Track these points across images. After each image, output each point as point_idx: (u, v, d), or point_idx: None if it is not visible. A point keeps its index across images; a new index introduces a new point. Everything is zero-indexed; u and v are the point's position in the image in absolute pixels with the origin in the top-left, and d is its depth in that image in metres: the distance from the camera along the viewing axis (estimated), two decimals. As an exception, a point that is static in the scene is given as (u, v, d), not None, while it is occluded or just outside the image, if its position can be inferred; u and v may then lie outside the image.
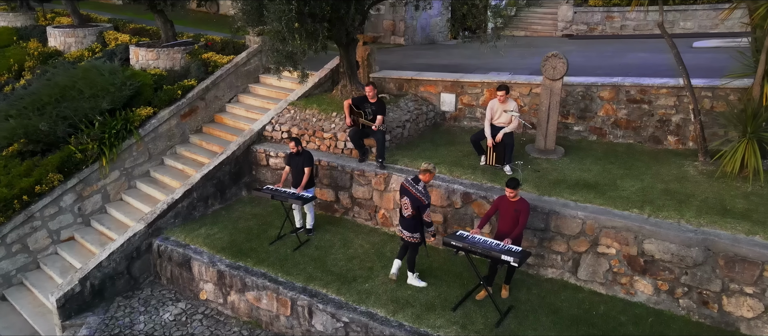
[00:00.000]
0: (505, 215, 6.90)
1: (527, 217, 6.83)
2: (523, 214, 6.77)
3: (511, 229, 6.80)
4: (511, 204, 6.84)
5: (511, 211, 6.82)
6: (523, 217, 6.76)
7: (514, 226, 6.80)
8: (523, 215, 6.76)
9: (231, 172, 10.07)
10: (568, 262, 7.45)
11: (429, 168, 7.06)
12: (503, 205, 6.91)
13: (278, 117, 10.45)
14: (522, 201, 6.83)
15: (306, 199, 8.28)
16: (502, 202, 6.93)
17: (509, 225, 6.84)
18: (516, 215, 6.78)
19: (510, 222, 6.83)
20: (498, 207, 7.00)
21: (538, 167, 8.52)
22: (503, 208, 6.91)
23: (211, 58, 12.90)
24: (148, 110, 11.48)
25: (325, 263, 8.10)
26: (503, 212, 6.92)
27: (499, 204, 6.98)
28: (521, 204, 6.80)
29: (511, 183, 6.77)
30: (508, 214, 6.85)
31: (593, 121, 9.56)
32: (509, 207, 6.84)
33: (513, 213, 6.81)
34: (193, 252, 8.54)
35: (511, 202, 6.84)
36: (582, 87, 9.50)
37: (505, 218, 6.90)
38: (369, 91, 8.74)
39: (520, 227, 6.76)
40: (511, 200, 6.84)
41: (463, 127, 10.53)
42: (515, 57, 13.63)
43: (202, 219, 9.53)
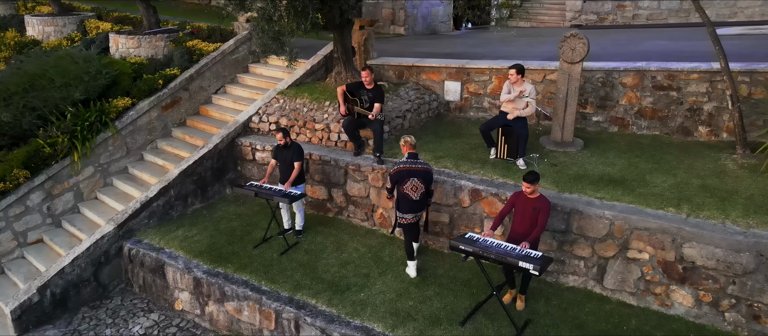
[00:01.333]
0: (521, 214, 5.96)
1: (548, 216, 5.89)
2: (544, 213, 5.83)
3: (528, 231, 5.87)
4: (528, 202, 5.90)
5: (529, 209, 5.89)
6: (543, 217, 5.83)
7: (532, 227, 5.87)
8: (543, 215, 5.83)
9: (213, 168, 9.13)
10: (592, 268, 6.51)
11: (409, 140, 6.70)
12: (519, 202, 5.98)
13: (266, 107, 9.51)
14: (542, 198, 5.90)
15: (294, 197, 7.34)
16: (519, 199, 6.00)
17: (526, 226, 5.91)
18: (534, 215, 5.85)
19: (527, 222, 5.90)
20: (513, 205, 6.07)
21: (556, 161, 7.58)
22: (519, 207, 5.98)
23: (196, 46, 11.95)
24: (125, 101, 10.53)
25: (316, 269, 7.16)
26: (519, 211, 5.98)
27: (515, 202, 6.05)
28: (541, 202, 5.86)
29: (530, 177, 5.83)
30: (525, 213, 5.92)
31: (614, 110, 8.62)
32: (527, 205, 5.91)
33: (531, 212, 5.87)
34: (168, 256, 7.59)
35: (529, 199, 5.91)
36: (602, 73, 8.56)
37: (521, 218, 5.96)
38: (365, 76, 7.80)
39: (539, 228, 5.83)
40: (530, 197, 5.91)
41: (468, 118, 9.59)
42: (523, 45, 12.72)
43: (180, 219, 8.59)
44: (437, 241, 7.58)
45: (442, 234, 7.51)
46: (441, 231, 7.51)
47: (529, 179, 5.83)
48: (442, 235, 7.52)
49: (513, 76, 7.38)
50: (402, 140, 6.77)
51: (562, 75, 7.86)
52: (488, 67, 9.30)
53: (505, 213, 6.15)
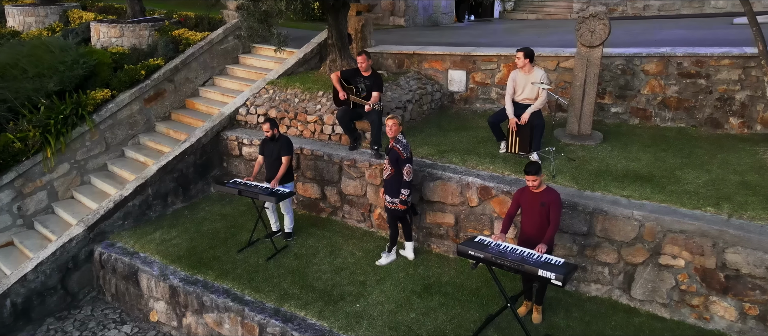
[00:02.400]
0: (529, 212, 5.22)
1: (560, 211, 5.14)
2: (554, 207, 5.08)
3: (541, 231, 5.13)
4: (535, 197, 5.16)
5: (537, 205, 5.14)
6: (554, 212, 5.08)
7: (543, 225, 5.13)
8: (554, 209, 5.08)
9: (196, 164, 8.37)
10: (618, 276, 5.74)
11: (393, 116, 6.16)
12: (525, 199, 5.24)
13: (254, 98, 8.74)
14: (549, 191, 5.15)
15: (281, 195, 6.57)
16: (524, 196, 5.25)
17: (537, 224, 5.16)
18: (544, 210, 5.11)
19: (538, 221, 5.16)
20: (519, 202, 5.32)
21: (573, 155, 6.82)
22: (526, 204, 5.23)
23: (182, 36, 11.19)
24: (104, 93, 9.76)
25: (306, 276, 6.40)
26: (527, 209, 5.24)
27: (520, 199, 5.30)
28: (549, 194, 5.12)
29: (530, 168, 5.11)
30: (533, 210, 5.17)
31: (635, 100, 7.86)
32: (534, 201, 5.16)
33: (539, 208, 5.13)
34: (142, 262, 6.83)
35: (535, 194, 5.17)
36: (622, 59, 7.80)
37: (530, 216, 5.22)
38: (361, 61, 7.04)
39: (553, 226, 5.08)
40: (534, 191, 5.16)
41: (475, 110, 8.83)
42: (531, 35, 11.95)
43: (159, 220, 7.83)
44: (442, 244, 6.82)
45: (447, 236, 6.76)
46: (446, 233, 6.76)
47: (530, 170, 5.09)
48: (446, 237, 6.77)
49: (521, 61, 6.62)
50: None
51: (579, 60, 7.10)
52: (496, 55, 8.54)
53: (513, 213, 5.40)
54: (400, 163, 6.11)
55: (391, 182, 6.22)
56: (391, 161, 6.14)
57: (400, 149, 6.09)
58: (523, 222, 5.30)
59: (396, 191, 6.22)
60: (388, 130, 6.08)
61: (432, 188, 6.67)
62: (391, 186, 6.24)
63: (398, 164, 6.13)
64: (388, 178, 6.23)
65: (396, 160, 6.12)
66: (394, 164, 6.14)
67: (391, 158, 6.14)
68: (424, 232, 6.90)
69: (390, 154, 6.14)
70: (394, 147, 6.11)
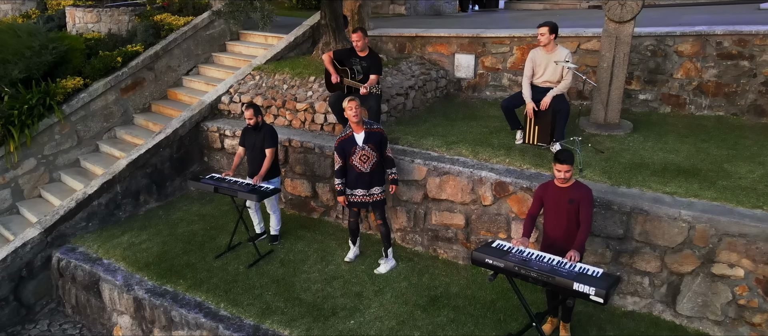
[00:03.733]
0: (554, 211, 4.33)
1: (592, 209, 4.25)
2: (585, 205, 4.20)
3: (567, 233, 4.25)
4: (561, 193, 4.27)
5: (564, 203, 4.25)
6: (585, 211, 4.20)
7: (571, 227, 4.26)
8: (585, 207, 4.20)
9: (172, 158, 7.48)
10: (660, 287, 4.84)
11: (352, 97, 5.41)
12: (549, 195, 4.35)
13: (239, 85, 7.85)
14: (579, 186, 4.27)
15: (264, 193, 5.66)
16: (548, 191, 4.37)
17: (563, 226, 4.28)
18: (572, 209, 4.22)
19: (564, 222, 4.28)
20: (541, 200, 4.43)
21: (601, 146, 5.93)
22: (550, 201, 4.34)
23: (164, 20, 10.28)
24: (76, 81, 8.86)
25: (293, 287, 5.51)
26: (551, 207, 4.35)
27: (543, 195, 4.41)
28: (577, 190, 4.24)
29: (562, 156, 4.21)
30: (559, 208, 4.29)
31: (667, 85, 6.96)
32: (560, 198, 4.27)
33: (567, 207, 4.24)
34: (104, 270, 5.93)
35: (561, 189, 4.28)
36: (652, 39, 6.90)
37: (555, 216, 4.34)
38: (357, 39, 6.15)
39: (585, 229, 4.20)
40: (561, 186, 4.27)
41: (484, 99, 7.94)
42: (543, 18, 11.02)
43: (129, 222, 6.93)
44: (450, 248, 5.93)
45: (456, 240, 5.86)
46: (455, 236, 5.86)
47: (562, 158, 4.19)
48: (455, 241, 5.87)
49: (545, 37, 5.71)
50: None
51: (607, 39, 6.20)
52: (508, 36, 7.65)
53: (535, 213, 4.50)
54: (383, 145, 5.42)
55: (374, 172, 5.44)
56: (375, 146, 5.37)
57: (380, 128, 5.44)
58: (546, 223, 4.42)
59: (381, 178, 5.48)
60: (354, 113, 5.26)
61: (439, 184, 5.78)
62: (374, 176, 5.45)
63: (381, 147, 5.41)
64: (372, 169, 5.41)
65: (379, 142, 5.39)
66: (377, 148, 5.38)
67: (374, 142, 5.36)
68: (430, 234, 6.01)
69: (371, 138, 5.35)
70: (372, 129, 5.37)
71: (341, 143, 5.36)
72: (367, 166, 5.36)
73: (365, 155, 5.33)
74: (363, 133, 5.34)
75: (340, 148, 5.38)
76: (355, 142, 5.33)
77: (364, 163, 5.35)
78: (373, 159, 5.37)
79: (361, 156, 5.33)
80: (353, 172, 5.40)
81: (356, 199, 5.50)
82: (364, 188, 5.45)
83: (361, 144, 5.32)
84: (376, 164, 5.40)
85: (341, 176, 5.44)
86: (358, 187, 5.45)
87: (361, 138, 5.33)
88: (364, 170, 5.37)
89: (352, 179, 5.44)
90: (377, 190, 5.50)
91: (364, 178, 5.41)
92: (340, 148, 5.37)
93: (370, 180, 5.44)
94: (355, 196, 5.49)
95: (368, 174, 5.39)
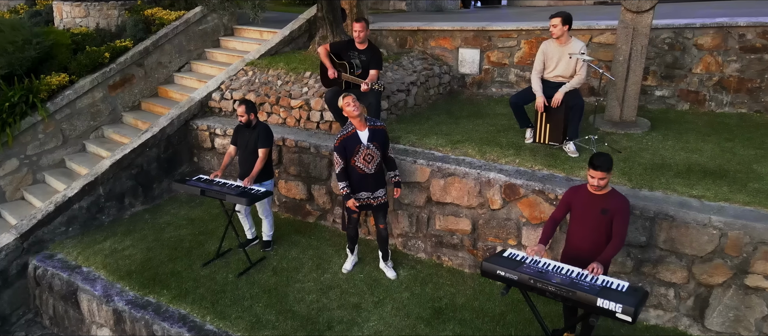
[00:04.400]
0: (583, 220, 3.90)
1: (627, 223, 3.82)
2: (620, 217, 3.78)
3: (595, 245, 3.82)
4: (594, 201, 3.84)
5: (595, 212, 3.83)
6: (620, 223, 3.78)
7: (599, 240, 3.83)
8: (619, 220, 3.77)
9: (160, 158, 7.05)
10: (687, 300, 4.42)
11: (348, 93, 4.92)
12: (580, 202, 3.91)
13: (230, 81, 7.43)
14: (615, 195, 3.84)
15: (255, 196, 5.23)
16: (578, 197, 3.93)
17: (591, 238, 3.85)
18: (604, 220, 3.80)
19: (593, 232, 3.85)
20: (569, 205, 4.00)
21: (617, 145, 5.51)
22: (580, 208, 3.92)
23: (155, 15, 9.87)
24: (61, 78, 8.44)
25: (286, 297, 5.09)
26: (579, 215, 3.92)
27: (572, 201, 3.98)
28: (613, 200, 3.81)
29: (597, 161, 3.76)
30: (589, 218, 3.86)
31: (685, 81, 6.54)
32: (592, 206, 3.85)
33: (598, 217, 3.82)
34: (83, 278, 5.51)
35: (595, 197, 3.85)
36: (669, 32, 6.48)
37: (583, 225, 3.91)
38: (359, 29, 5.71)
39: (616, 243, 3.77)
40: (595, 193, 3.84)
41: (490, 95, 7.52)
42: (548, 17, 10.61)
43: (113, 226, 6.51)
44: (455, 256, 5.51)
45: (462, 246, 5.44)
46: (460, 242, 5.44)
47: (598, 164, 3.75)
48: (461, 247, 5.45)
49: (558, 28, 5.29)
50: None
51: (623, 30, 5.78)
52: (516, 29, 7.23)
53: (559, 218, 4.08)
54: (387, 144, 4.99)
55: (378, 174, 5.00)
56: (380, 145, 4.90)
57: (383, 125, 4.99)
58: (571, 232, 3.99)
59: (384, 180, 5.06)
60: (353, 108, 4.76)
61: (443, 186, 5.36)
62: (379, 178, 5.02)
63: (385, 146, 4.97)
64: (377, 171, 4.96)
65: (384, 141, 4.94)
66: (382, 147, 4.92)
67: (379, 141, 4.89)
68: (433, 240, 5.59)
69: (377, 136, 4.87)
70: (376, 126, 4.90)
71: (344, 142, 4.82)
72: (372, 166, 4.90)
73: (370, 155, 4.85)
74: (367, 131, 4.85)
75: (342, 148, 4.83)
76: (360, 141, 4.82)
77: (369, 164, 4.87)
78: (378, 159, 4.91)
79: (365, 155, 4.84)
80: (355, 174, 4.91)
81: (361, 201, 5.04)
82: (368, 191, 4.99)
83: (366, 142, 4.83)
84: (379, 165, 4.97)
85: (345, 179, 4.91)
86: (362, 190, 4.98)
87: (365, 136, 4.84)
88: (369, 171, 4.89)
89: (354, 182, 4.95)
90: (381, 192, 5.07)
91: (368, 181, 4.95)
92: (342, 147, 4.83)
93: (375, 182, 4.99)
94: (358, 199, 5.02)
95: (372, 175, 4.95)
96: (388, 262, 5.42)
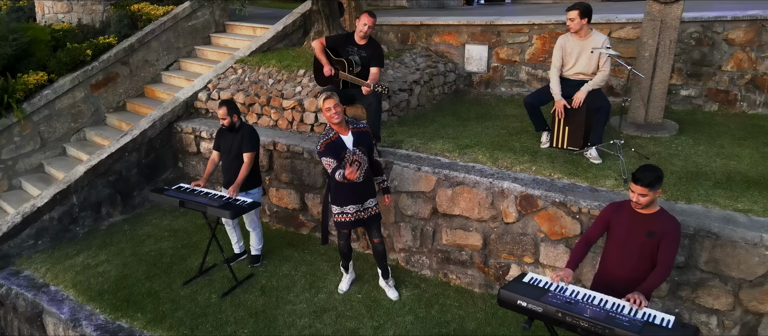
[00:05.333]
0: (624, 242, 3.34)
1: (676, 249, 3.26)
2: (669, 241, 3.22)
3: (636, 273, 3.27)
4: (638, 220, 3.29)
5: (640, 235, 3.27)
6: (668, 249, 3.22)
7: (642, 266, 3.27)
8: (667, 244, 3.21)
9: (141, 164, 6.50)
10: (732, 329, 3.87)
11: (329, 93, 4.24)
12: (621, 222, 3.35)
13: (218, 80, 6.87)
14: (663, 216, 3.28)
15: (240, 208, 4.66)
16: (620, 215, 3.37)
17: (631, 263, 3.31)
18: (650, 244, 3.24)
19: (634, 258, 3.30)
20: (608, 223, 3.44)
21: (644, 151, 4.95)
22: (621, 229, 3.36)
23: (141, 10, 9.31)
24: (39, 77, 7.88)
25: (275, 322, 4.53)
26: (620, 236, 3.37)
27: (612, 218, 3.41)
28: (662, 222, 3.25)
29: (641, 174, 3.20)
30: (632, 240, 3.30)
31: (714, 79, 5.99)
32: (636, 227, 3.29)
33: (642, 239, 3.26)
34: (49, 299, 4.95)
35: (640, 216, 3.29)
36: (697, 26, 5.93)
37: (623, 248, 3.35)
38: (366, 21, 5.13)
39: (662, 270, 3.21)
40: (640, 212, 3.28)
41: (499, 95, 6.97)
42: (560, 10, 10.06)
43: (88, 239, 5.96)
44: (464, 274, 4.95)
45: (472, 264, 4.88)
46: (470, 259, 4.88)
47: (640, 176, 3.19)
48: (470, 265, 4.89)
49: (576, 22, 4.74)
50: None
51: (649, 23, 5.22)
52: (527, 23, 6.68)
53: (593, 238, 3.52)
54: (371, 147, 4.47)
55: (367, 181, 4.46)
56: (366, 149, 4.37)
57: (366, 126, 4.47)
58: (607, 254, 3.44)
59: (373, 187, 4.53)
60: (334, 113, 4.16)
61: (451, 197, 4.80)
62: (368, 186, 4.47)
63: (370, 149, 4.45)
64: (365, 178, 4.41)
65: (369, 144, 4.42)
66: (368, 151, 4.40)
67: (365, 145, 4.36)
68: (440, 256, 5.04)
69: (362, 139, 4.33)
70: (360, 129, 4.35)
71: (329, 147, 4.24)
72: (361, 174, 4.34)
73: (357, 161, 4.30)
74: (351, 135, 4.29)
75: (329, 152, 4.22)
76: (345, 146, 4.27)
77: (357, 171, 4.33)
78: (365, 165, 4.35)
79: (352, 162, 4.32)
80: (342, 184, 4.35)
81: (348, 217, 4.45)
82: (356, 203, 4.42)
83: (352, 147, 4.30)
84: (367, 172, 4.41)
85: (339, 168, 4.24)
86: (349, 202, 4.40)
87: (349, 140, 4.27)
88: (357, 180, 4.32)
89: (341, 194, 4.39)
90: (371, 202, 4.51)
91: (356, 191, 4.39)
92: (329, 151, 4.23)
93: (363, 191, 4.44)
94: (346, 215, 4.44)
95: (361, 185, 4.39)
96: (389, 280, 4.86)
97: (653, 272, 3.20)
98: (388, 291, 4.83)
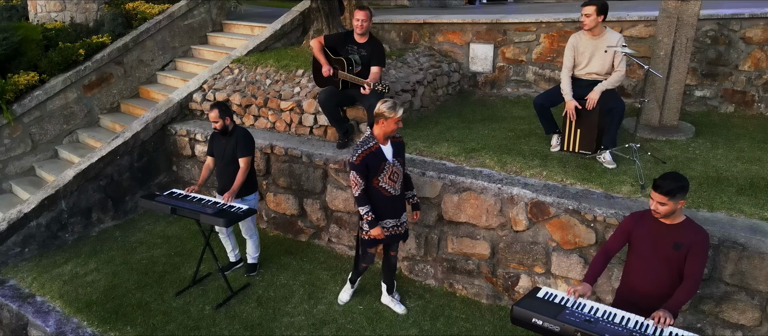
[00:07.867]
0: (647, 254, 3.11)
1: (704, 262, 3.02)
2: (697, 254, 2.98)
3: (661, 288, 3.05)
4: (663, 231, 3.05)
5: (665, 246, 3.03)
6: (696, 262, 2.98)
7: (668, 281, 3.04)
8: (695, 257, 2.98)
9: (133, 168, 6.26)
10: (760, 346, 3.63)
11: (384, 111, 3.82)
12: (645, 232, 3.12)
13: (214, 80, 6.63)
14: (690, 227, 3.05)
15: (235, 216, 4.42)
16: (643, 225, 3.14)
17: (656, 278, 3.09)
18: (676, 258, 3.00)
19: (659, 271, 3.07)
20: (629, 235, 3.20)
21: (660, 155, 4.71)
22: (644, 239, 3.12)
23: (137, 9, 9.08)
24: (30, 77, 7.65)
25: (271, 335, 4.29)
26: (644, 248, 3.13)
27: (634, 229, 3.17)
28: (689, 232, 3.02)
29: (662, 180, 2.97)
30: (656, 253, 3.07)
31: (730, 79, 5.75)
32: (661, 238, 3.05)
33: (668, 252, 3.02)
34: (35, 311, 4.71)
35: (664, 226, 3.06)
36: (712, 23, 5.68)
37: (647, 262, 3.11)
38: (360, 19, 4.92)
39: (689, 285, 2.97)
40: (666, 223, 3.04)
41: (505, 96, 6.73)
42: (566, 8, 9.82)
43: (77, 246, 5.71)
44: (470, 284, 4.71)
45: (479, 274, 4.64)
46: (477, 269, 4.64)
47: (663, 187, 2.95)
48: (478, 274, 4.65)
49: (591, 18, 4.49)
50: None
51: (665, 20, 4.98)
52: (534, 22, 6.43)
53: (613, 251, 3.29)
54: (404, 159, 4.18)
55: (402, 195, 4.17)
56: (402, 160, 4.08)
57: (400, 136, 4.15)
58: (630, 268, 3.20)
59: (403, 201, 4.20)
60: (382, 126, 3.89)
61: (457, 203, 4.56)
62: (402, 200, 4.19)
63: (404, 161, 4.15)
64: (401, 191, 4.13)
65: (403, 155, 4.14)
66: (403, 162, 4.09)
67: (401, 155, 4.07)
68: (445, 265, 4.79)
69: (398, 150, 4.05)
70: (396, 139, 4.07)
71: (366, 159, 3.87)
72: (397, 186, 4.05)
73: (396, 173, 4.00)
74: (390, 145, 3.99)
75: (364, 166, 3.89)
76: (385, 157, 3.95)
77: (395, 183, 4.01)
78: (401, 177, 4.08)
79: (391, 174, 3.97)
80: (379, 197, 4.00)
81: (386, 232, 4.14)
82: (394, 217, 4.12)
83: (391, 159, 3.98)
84: (402, 184, 4.14)
85: (368, 202, 3.98)
86: (387, 216, 4.08)
87: (389, 151, 3.97)
88: (394, 193, 4.03)
89: (379, 207, 4.04)
90: (404, 216, 4.22)
91: (394, 204, 4.08)
92: (364, 165, 3.89)
93: (399, 205, 4.14)
94: (385, 229, 4.13)
95: (398, 197, 4.10)
96: (394, 294, 4.61)
97: (680, 287, 2.96)
98: (393, 306, 4.57)
